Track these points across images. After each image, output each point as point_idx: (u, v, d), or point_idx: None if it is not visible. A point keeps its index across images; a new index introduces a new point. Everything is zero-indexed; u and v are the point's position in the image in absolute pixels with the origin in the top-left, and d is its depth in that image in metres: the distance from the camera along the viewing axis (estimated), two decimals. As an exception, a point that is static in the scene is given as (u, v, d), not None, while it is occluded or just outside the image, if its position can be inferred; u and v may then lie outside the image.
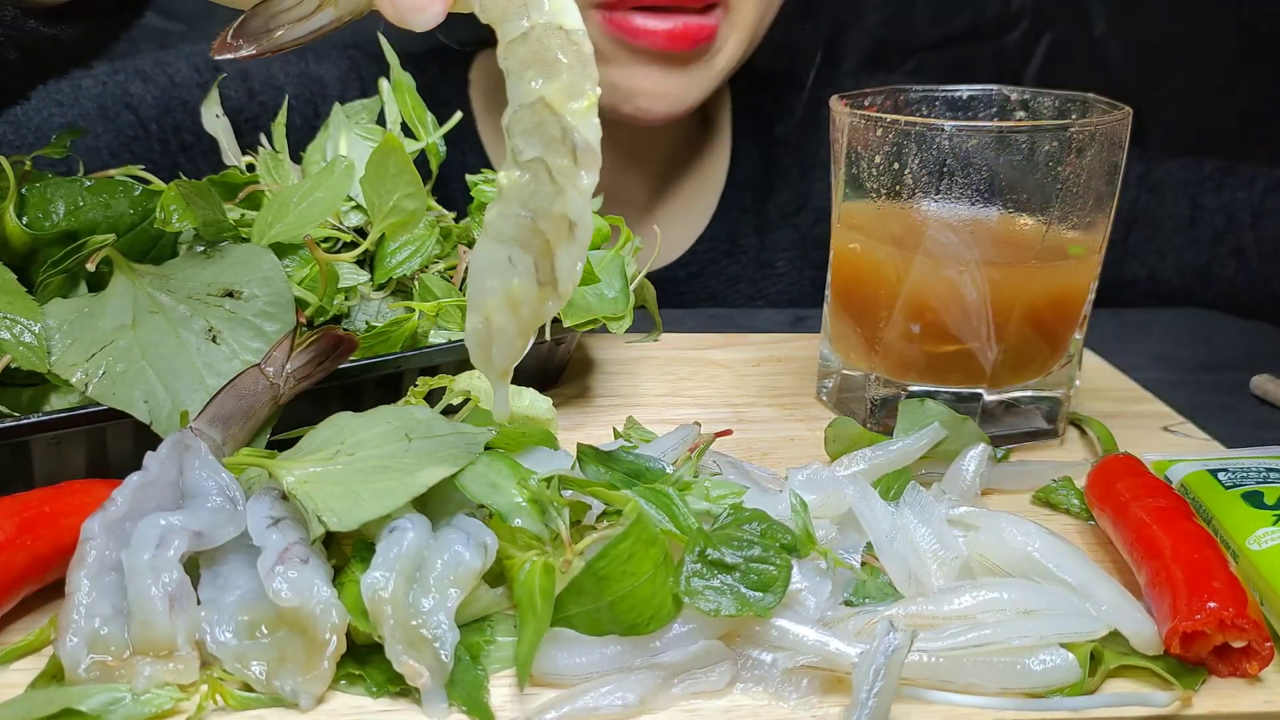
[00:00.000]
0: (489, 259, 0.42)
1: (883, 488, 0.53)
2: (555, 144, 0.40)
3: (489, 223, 0.41)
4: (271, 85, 0.96)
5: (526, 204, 0.40)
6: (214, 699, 0.41)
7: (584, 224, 0.41)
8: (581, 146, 0.40)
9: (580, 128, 0.40)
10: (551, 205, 0.40)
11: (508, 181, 0.40)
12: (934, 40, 1.26)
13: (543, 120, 0.39)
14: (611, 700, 0.40)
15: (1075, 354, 0.65)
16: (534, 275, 0.41)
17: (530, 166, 0.40)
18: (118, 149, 0.92)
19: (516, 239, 0.41)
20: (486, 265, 0.42)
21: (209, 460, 0.46)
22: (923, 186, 0.59)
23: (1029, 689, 0.42)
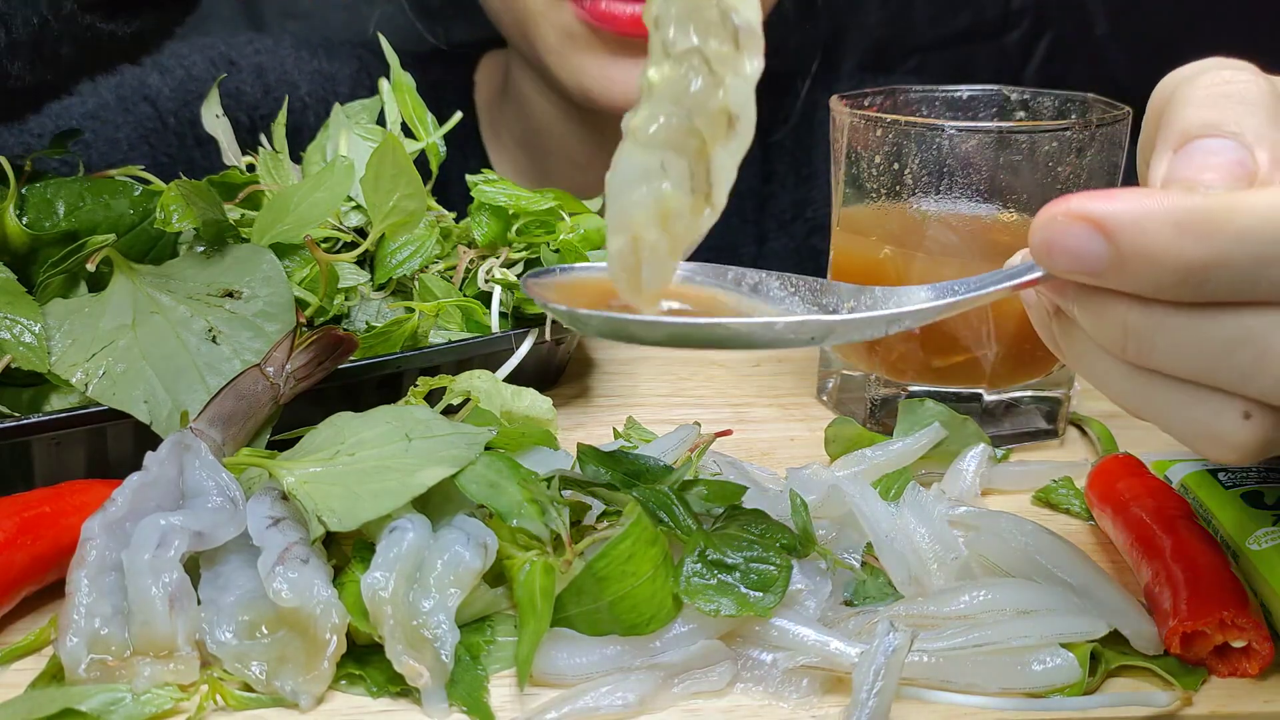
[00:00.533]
0: (636, 168, 0.38)
1: (883, 488, 0.53)
2: (714, 28, 0.36)
3: (634, 128, 0.38)
4: (287, 82, 0.96)
5: (681, 100, 0.37)
6: (214, 699, 0.41)
7: (747, 117, 0.37)
8: (744, 29, 0.36)
9: (742, 8, 0.36)
10: (709, 98, 0.37)
11: (659, 77, 0.37)
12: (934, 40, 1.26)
13: (698, 4, 0.36)
14: (611, 700, 0.40)
15: (1075, 354, 0.65)
16: (688, 183, 0.38)
17: (685, 58, 0.37)
18: (136, 141, 0.92)
19: (669, 142, 0.37)
20: (633, 175, 0.38)
21: (209, 460, 0.46)
22: (922, 186, 0.59)
23: (1029, 689, 0.42)
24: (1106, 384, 0.37)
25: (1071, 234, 0.33)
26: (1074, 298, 0.36)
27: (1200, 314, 0.33)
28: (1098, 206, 0.33)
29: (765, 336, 0.38)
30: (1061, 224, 0.33)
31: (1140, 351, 0.34)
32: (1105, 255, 0.33)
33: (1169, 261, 0.32)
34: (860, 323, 0.38)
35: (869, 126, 0.60)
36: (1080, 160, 0.58)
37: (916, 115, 0.67)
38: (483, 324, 0.63)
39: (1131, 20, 1.26)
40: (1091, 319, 0.35)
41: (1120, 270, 0.33)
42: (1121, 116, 0.60)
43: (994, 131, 0.58)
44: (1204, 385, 0.34)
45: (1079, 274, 0.34)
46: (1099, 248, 0.33)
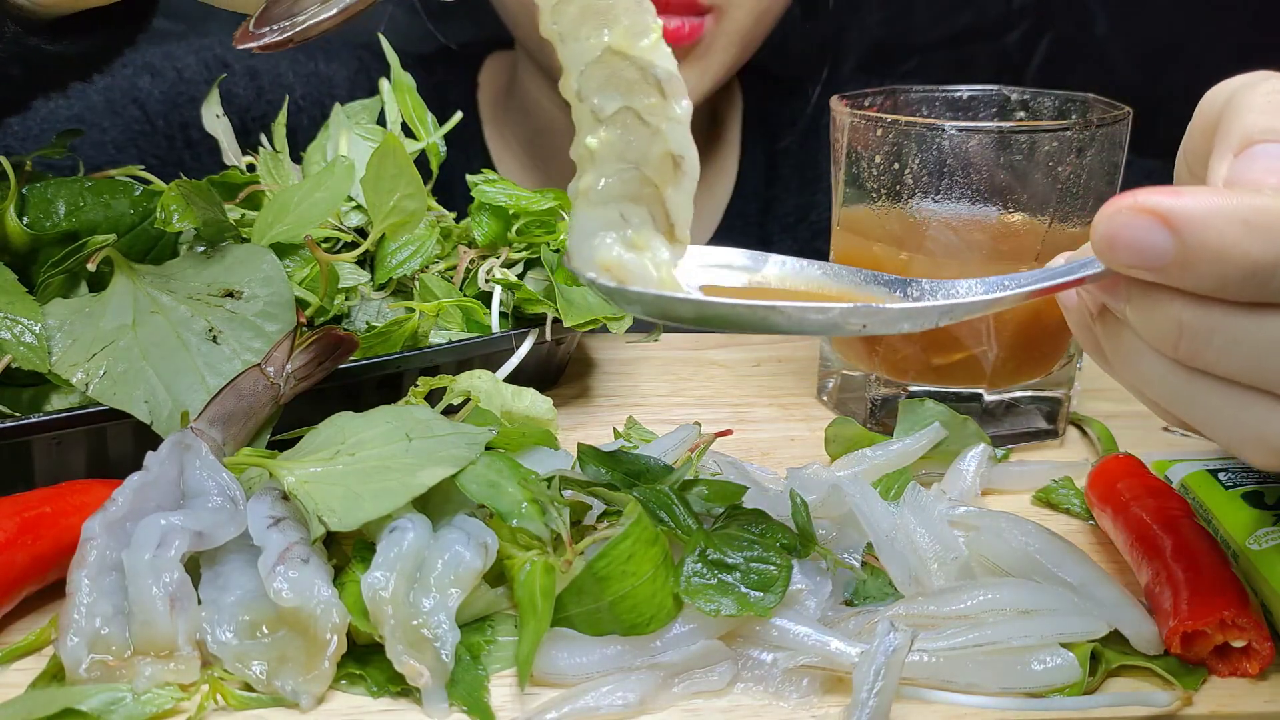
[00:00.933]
0: (595, 222, 0.39)
1: (883, 488, 0.53)
2: (636, 85, 0.38)
3: (584, 190, 0.39)
4: (280, 84, 0.96)
5: (625, 157, 0.38)
6: (215, 699, 0.41)
7: (689, 155, 0.39)
8: (665, 77, 0.38)
9: (657, 61, 0.38)
10: (651, 148, 0.38)
11: (597, 143, 0.38)
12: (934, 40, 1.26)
13: (615, 69, 0.38)
14: (612, 700, 0.40)
15: (1075, 354, 0.65)
16: (652, 225, 0.39)
17: (617, 120, 0.38)
18: (124, 144, 0.92)
19: (623, 194, 0.39)
20: (593, 228, 0.39)
21: (209, 460, 0.46)
22: (923, 186, 0.59)
23: (1029, 689, 0.42)
24: (1152, 385, 0.37)
25: (1136, 227, 0.33)
26: (1126, 295, 0.36)
27: (1258, 314, 0.33)
28: (1165, 201, 0.32)
29: (818, 321, 0.38)
30: (1126, 217, 0.33)
31: (1193, 350, 0.34)
32: (1170, 250, 0.32)
33: (1235, 259, 0.32)
34: (913, 312, 0.38)
35: (869, 126, 0.60)
36: (1080, 160, 0.58)
37: (917, 115, 0.67)
38: (483, 324, 0.63)
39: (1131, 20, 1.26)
40: (1144, 316, 0.35)
41: (1184, 266, 0.32)
42: (1121, 116, 0.60)
43: (994, 131, 0.58)
44: (1255, 388, 0.34)
45: (1141, 269, 0.33)
46: (1164, 242, 0.32)
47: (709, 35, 0.84)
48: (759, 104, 1.05)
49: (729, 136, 1.05)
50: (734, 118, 1.05)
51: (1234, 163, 0.35)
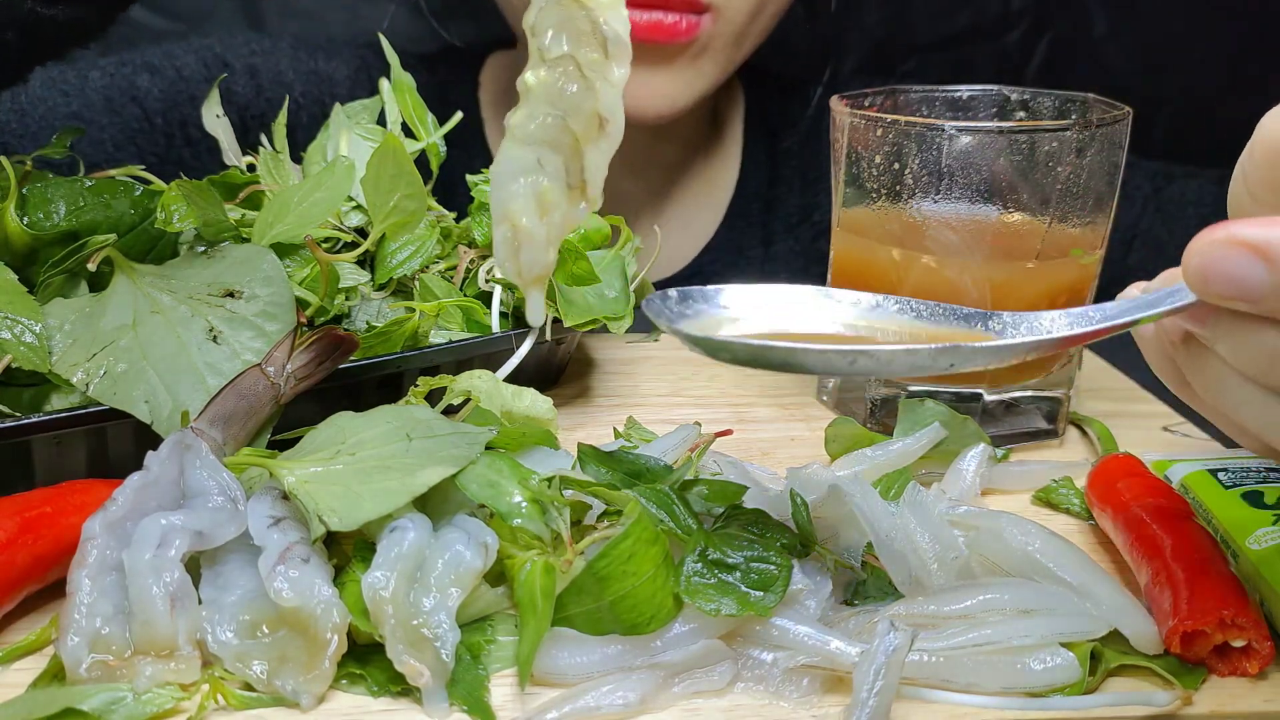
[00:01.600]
0: (515, 163, 0.40)
1: (883, 488, 0.53)
2: (585, 38, 0.39)
3: (514, 125, 0.40)
4: (280, 83, 0.96)
5: (556, 103, 0.39)
6: (215, 698, 0.41)
7: (616, 120, 0.40)
8: (612, 39, 0.39)
9: (610, 19, 0.39)
10: (583, 102, 0.39)
11: (535, 81, 0.40)
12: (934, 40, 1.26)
13: (570, 15, 0.39)
14: (612, 700, 0.40)
15: (1075, 354, 0.65)
16: (564, 178, 0.40)
17: (558, 64, 0.39)
18: (123, 142, 0.91)
19: (545, 140, 0.40)
20: (512, 169, 0.41)
21: (210, 460, 0.46)
22: (923, 186, 0.59)
23: (1029, 688, 0.42)
24: (1243, 412, 0.37)
25: (1231, 260, 0.33)
26: (1215, 323, 0.36)
27: None
28: (1260, 233, 0.33)
29: (906, 363, 0.38)
30: (1221, 250, 0.33)
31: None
32: (1266, 281, 0.33)
33: None
34: (1002, 349, 0.38)
35: (869, 126, 0.60)
36: (1080, 160, 0.58)
37: (917, 115, 0.67)
38: (483, 324, 0.63)
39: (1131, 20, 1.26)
40: (1236, 346, 0.36)
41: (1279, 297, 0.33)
42: (1121, 116, 0.60)
43: (994, 131, 0.58)
44: None
45: (1235, 300, 0.34)
46: (1259, 274, 0.33)
47: (706, 34, 0.84)
48: (761, 103, 1.05)
49: (731, 136, 1.05)
50: (736, 117, 1.05)
51: None
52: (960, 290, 0.60)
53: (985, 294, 0.60)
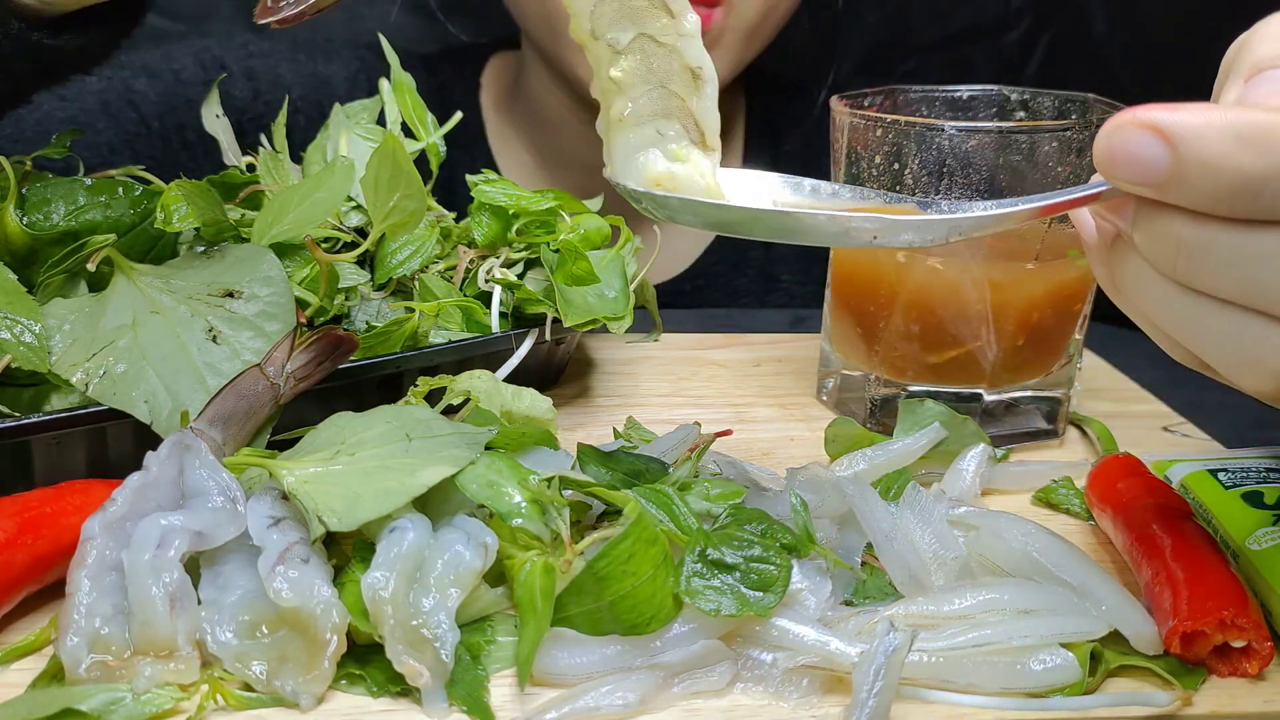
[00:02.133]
0: (635, 143, 0.42)
1: (883, 488, 0.53)
2: (645, 12, 0.41)
3: (617, 118, 0.42)
4: (278, 84, 0.96)
5: (649, 79, 0.41)
6: (215, 699, 0.41)
7: (707, 64, 0.42)
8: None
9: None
10: (672, 65, 0.41)
11: (621, 73, 0.41)
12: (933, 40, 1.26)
13: (622, 2, 0.41)
14: (612, 700, 0.40)
15: (1075, 354, 0.65)
16: (686, 136, 0.42)
17: (634, 47, 0.41)
18: (119, 145, 0.91)
19: (655, 113, 0.42)
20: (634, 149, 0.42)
21: (209, 460, 0.46)
22: (922, 186, 0.59)
23: (1029, 689, 0.42)
24: (1157, 311, 0.37)
25: (1135, 141, 0.33)
26: (1133, 216, 0.36)
27: (1250, 230, 0.33)
28: (1163, 115, 0.33)
29: (830, 229, 0.40)
30: (1125, 132, 0.34)
31: (1190, 269, 0.35)
32: (1166, 163, 0.33)
33: (1227, 172, 0.32)
34: (921, 224, 0.39)
35: (869, 126, 0.60)
36: (1080, 160, 0.58)
37: (916, 115, 0.67)
38: (483, 324, 0.63)
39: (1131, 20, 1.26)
40: (1146, 236, 0.36)
41: (1179, 180, 0.33)
42: (1121, 116, 0.60)
43: (994, 131, 0.58)
44: (1251, 310, 0.35)
45: (1139, 184, 0.34)
46: (1161, 155, 0.33)
47: (717, 28, 0.84)
48: (764, 107, 1.05)
49: (733, 139, 1.05)
50: (738, 121, 1.05)
51: (1243, 87, 0.36)
52: (960, 290, 0.60)
53: (985, 294, 0.60)
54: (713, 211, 0.41)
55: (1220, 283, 0.35)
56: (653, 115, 0.42)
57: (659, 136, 0.42)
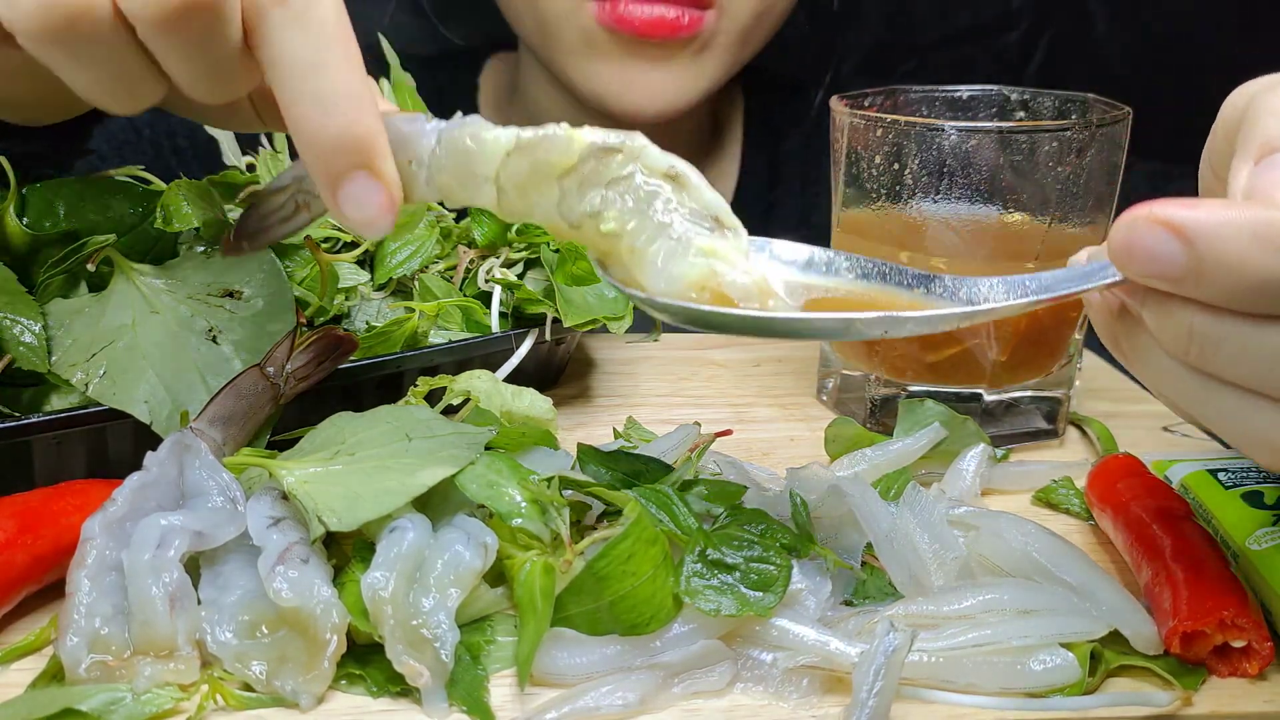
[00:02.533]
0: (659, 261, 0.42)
1: (883, 488, 0.53)
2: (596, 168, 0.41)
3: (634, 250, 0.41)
4: None
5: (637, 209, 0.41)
6: (214, 699, 0.41)
7: (676, 162, 0.41)
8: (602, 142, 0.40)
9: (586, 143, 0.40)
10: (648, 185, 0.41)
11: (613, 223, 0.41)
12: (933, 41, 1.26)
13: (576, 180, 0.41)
14: (612, 700, 0.40)
15: (1075, 354, 0.65)
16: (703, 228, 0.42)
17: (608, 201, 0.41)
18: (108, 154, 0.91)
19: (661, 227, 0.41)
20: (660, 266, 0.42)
21: (209, 460, 0.46)
22: (923, 187, 0.59)
23: (1029, 689, 0.42)
24: (1165, 385, 0.38)
25: (1151, 238, 0.33)
26: (1142, 300, 0.36)
27: (1267, 325, 0.34)
28: (1180, 213, 0.33)
29: (840, 330, 0.40)
30: (1142, 228, 0.34)
31: (1204, 357, 0.35)
32: (1184, 261, 0.33)
33: (1245, 272, 0.32)
34: (936, 319, 0.39)
35: (869, 127, 0.60)
36: (1081, 160, 0.58)
37: (917, 115, 0.67)
38: (483, 324, 0.63)
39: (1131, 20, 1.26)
40: (1158, 322, 0.36)
41: (1197, 277, 0.33)
42: (1121, 116, 0.60)
43: (994, 131, 0.58)
44: (1262, 394, 0.35)
45: (1155, 278, 0.34)
46: (1178, 253, 0.33)
47: (709, 30, 0.84)
48: (762, 107, 1.05)
49: (731, 139, 1.04)
50: (735, 121, 1.05)
51: (1253, 170, 0.36)
52: (960, 290, 0.60)
53: (985, 294, 0.60)
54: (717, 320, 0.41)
55: (1233, 371, 0.35)
56: (659, 231, 0.41)
57: (677, 243, 0.41)
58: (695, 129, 1.00)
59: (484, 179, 0.41)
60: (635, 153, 0.41)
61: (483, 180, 0.41)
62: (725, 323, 0.41)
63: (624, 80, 0.84)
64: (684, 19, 0.82)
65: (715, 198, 0.42)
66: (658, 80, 0.85)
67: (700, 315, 0.41)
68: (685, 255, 0.41)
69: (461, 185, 0.41)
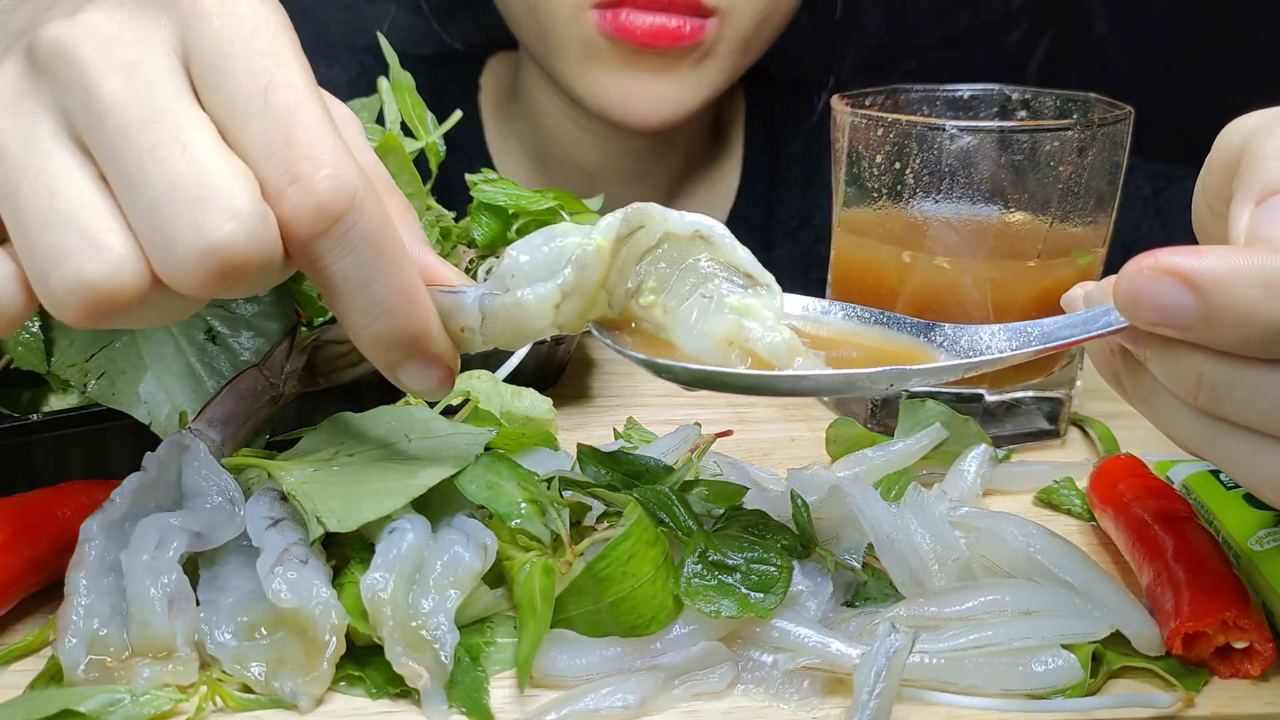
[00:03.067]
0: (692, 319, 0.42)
1: (884, 489, 0.53)
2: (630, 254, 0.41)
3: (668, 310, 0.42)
4: None
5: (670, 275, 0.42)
6: (213, 700, 0.41)
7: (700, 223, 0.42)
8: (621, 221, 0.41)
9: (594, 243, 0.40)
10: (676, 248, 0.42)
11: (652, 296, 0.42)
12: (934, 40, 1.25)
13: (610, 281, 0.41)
14: (612, 702, 0.40)
15: (1077, 354, 0.65)
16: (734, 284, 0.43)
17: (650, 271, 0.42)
18: None
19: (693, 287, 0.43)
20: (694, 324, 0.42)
21: (208, 461, 0.46)
22: (924, 186, 0.59)
23: (1031, 690, 0.42)
24: (1172, 426, 0.38)
25: (1158, 288, 0.33)
26: (1148, 345, 0.36)
27: (1278, 370, 0.33)
28: (1187, 263, 0.33)
29: (844, 387, 0.41)
30: (1148, 278, 0.33)
31: (1213, 401, 0.35)
32: (1192, 310, 0.33)
33: (1257, 320, 0.32)
34: (939, 370, 0.40)
35: (870, 126, 0.60)
36: (1082, 160, 0.58)
37: (918, 115, 0.67)
38: (483, 324, 0.63)
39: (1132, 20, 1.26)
40: (1164, 367, 0.36)
41: (1206, 325, 0.33)
42: (1123, 116, 0.60)
43: (995, 131, 0.58)
44: (1273, 436, 0.35)
45: (1163, 327, 0.34)
46: (1186, 303, 0.33)
47: (710, 38, 0.83)
48: (764, 108, 1.05)
49: (733, 142, 1.04)
50: (737, 122, 1.05)
51: (1255, 214, 0.36)
52: (961, 290, 0.60)
53: (986, 294, 0.60)
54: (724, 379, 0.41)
55: (1243, 414, 0.35)
56: (691, 291, 0.42)
57: (710, 301, 0.42)
58: (697, 131, 1.00)
59: (541, 330, 0.41)
60: (658, 223, 0.41)
61: (541, 330, 0.41)
62: (727, 381, 0.41)
63: (625, 89, 0.84)
64: (685, 28, 0.81)
65: (745, 255, 0.43)
66: (660, 89, 0.85)
67: (703, 376, 0.41)
68: (719, 313, 0.42)
69: (520, 337, 0.42)
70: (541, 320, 0.41)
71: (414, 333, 0.39)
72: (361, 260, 0.37)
